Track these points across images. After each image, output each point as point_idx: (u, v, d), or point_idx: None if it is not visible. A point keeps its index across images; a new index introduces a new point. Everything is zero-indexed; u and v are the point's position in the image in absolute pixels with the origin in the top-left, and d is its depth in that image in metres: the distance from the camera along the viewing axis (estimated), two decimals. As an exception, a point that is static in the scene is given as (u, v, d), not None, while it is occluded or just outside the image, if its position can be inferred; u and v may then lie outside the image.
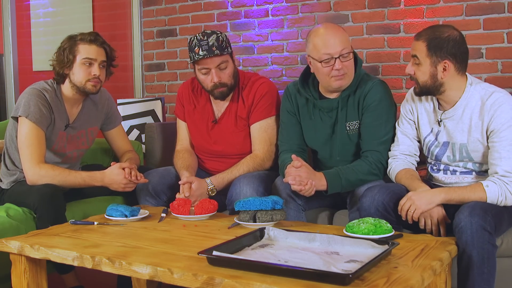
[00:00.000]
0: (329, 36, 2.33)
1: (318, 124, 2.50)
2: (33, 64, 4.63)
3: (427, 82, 2.12)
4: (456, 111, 2.14)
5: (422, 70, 2.11)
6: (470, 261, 1.83)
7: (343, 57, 2.32)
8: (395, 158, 2.31)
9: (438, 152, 2.22)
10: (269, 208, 2.06)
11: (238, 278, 1.46)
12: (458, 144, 2.15)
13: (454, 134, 2.16)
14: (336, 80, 2.37)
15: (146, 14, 4.02)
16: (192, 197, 2.40)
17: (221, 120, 2.69)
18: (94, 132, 2.75)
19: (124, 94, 4.11)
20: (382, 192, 2.10)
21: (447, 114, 2.16)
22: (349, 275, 1.39)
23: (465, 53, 2.11)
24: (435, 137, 2.22)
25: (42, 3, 4.58)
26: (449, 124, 2.16)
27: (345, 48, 2.31)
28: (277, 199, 2.09)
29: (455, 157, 2.17)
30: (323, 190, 2.29)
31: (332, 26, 2.39)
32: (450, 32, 2.08)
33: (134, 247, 1.80)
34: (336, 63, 2.32)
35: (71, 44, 2.53)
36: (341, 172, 2.30)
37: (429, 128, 2.24)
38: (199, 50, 2.50)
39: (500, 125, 2.04)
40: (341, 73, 2.34)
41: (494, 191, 1.98)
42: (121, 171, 2.45)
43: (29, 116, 2.45)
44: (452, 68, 2.08)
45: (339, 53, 2.31)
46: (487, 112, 2.07)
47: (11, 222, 2.30)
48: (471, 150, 2.13)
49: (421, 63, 2.10)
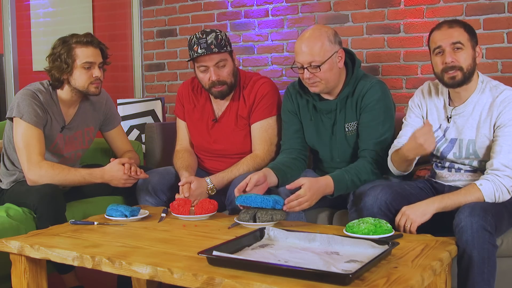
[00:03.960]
0: (303, 45, 2.31)
1: (318, 125, 2.51)
2: (33, 64, 4.63)
3: (471, 66, 2.12)
4: (466, 107, 2.16)
5: (466, 54, 2.11)
6: (470, 261, 1.83)
7: (311, 68, 2.30)
8: (392, 149, 2.29)
9: (444, 148, 2.22)
10: (270, 206, 2.06)
11: (238, 278, 1.45)
12: (466, 140, 2.16)
13: (463, 130, 2.16)
14: (309, 86, 2.38)
15: (146, 14, 4.02)
16: (192, 197, 2.40)
17: (222, 119, 2.69)
18: (91, 132, 2.74)
19: (124, 94, 4.11)
20: (385, 191, 2.09)
21: (458, 110, 2.18)
22: (349, 275, 1.39)
23: None
24: (443, 134, 2.22)
25: (42, 3, 4.58)
26: (459, 120, 2.17)
27: (314, 61, 2.29)
28: (279, 199, 2.09)
29: (461, 153, 2.18)
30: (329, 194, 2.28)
31: (311, 35, 2.32)
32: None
33: (134, 247, 1.80)
34: (305, 73, 2.32)
35: (67, 48, 2.49)
36: (346, 174, 2.29)
37: (438, 124, 2.25)
38: (198, 48, 2.50)
39: (507, 121, 2.06)
40: (311, 81, 2.34)
41: (488, 188, 1.99)
42: (120, 166, 2.45)
43: (24, 117, 2.44)
44: (481, 55, 2.14)
45: (307, 64, 2.30)
46: (496, 108, 2.09)
47: (11, 222, 2.30)
48: (478, 147, 2.14)
49: (465, 48, 2.10)
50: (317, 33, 2.32)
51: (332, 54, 2.32)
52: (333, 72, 2.35)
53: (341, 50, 2.37)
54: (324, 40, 2.31)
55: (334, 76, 2.37)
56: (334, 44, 2.33)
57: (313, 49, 2.29)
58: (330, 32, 2.35)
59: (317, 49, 2.29)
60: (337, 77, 2.39)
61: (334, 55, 2.33)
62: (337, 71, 2.37)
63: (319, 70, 2.30)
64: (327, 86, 2.37)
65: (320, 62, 2.29)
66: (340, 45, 2.38)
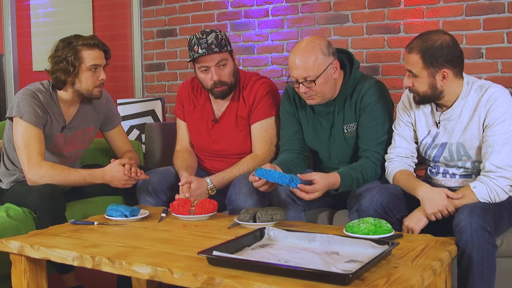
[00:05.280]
0: (297, 59, 2.28)
1: (316, 126, 2.51)
2: (33, 64, 4.63)
3: (427, 92, 2.09)
4: (454, 111, 2.13)
5: (420, 82, 2.07)
6: (470, 261, 1.83)
7: (307, 83, 2.29)
8: (391, 161, 2.30)
9: (435, 153, 2.21)
10: (285, 183, 2.09)
11: (238, 278, 1.46)
12: (455, 144, 2.15)
13: (453, 134, 2.15)
14: (306, 99, 2.38)
15: (146, 14, 4.02)
16: (192, 197, 2.40)
17: (222, 119, 2.69)
18: (91, 132, 2.74)
19: (124, 94, 4.11)
20: (381, 193, 2.09)
21: (446, 115, 2.15)
22: (349, 275, 1.39)
23: (460, 56, 2.07)
24: (433, 139, 2.21)
25: (42, 3, 4.58)
26: (448, 125, 2.15)
27: (309, 76, 2.26)
28: (295, 178, 2.11)
29: (453, 157, 2.17)
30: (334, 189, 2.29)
31: (304, 49, 2.28)
32: (442, 39, 2.03)
33: (134, 247, 1.80)
34: (300, 87, 2.31)
35: (74, 51, 2.48)
36: (353, 172, 2.29)
37: (427, 131, 2.23)
38: (198, 48, 2.50)
39: (494, 119, 2.03)
40: (307, 95, 2.33)
41: (482, 190, 1.98)
42: (121, 167, 2.45)
43: (24, 117, 2.44)
44: (451, 74, 2.05)
45: (301, 79, 2.29)
46: (483, 107, 2.06)
47: (11, 222, 2.30)
48: (468, 147, 2.13)
49: (418, 76, 2.06)
50: (310, 46, 2.29)
51: (327, 67, 2.29)
52: (329, 84, 2.33)
53: (335, 61, 2.34)
54: (317, 53, 2.27)
55: (330, 88, 2.35)
56: (328, 56, 2.30)
57: (307, 64, 2.26)
58: (323, 44, 2.31)
59: (311, 64, 2.26)
60: (333, 88, 2.37)
61: (329, 67, 2.30)
62: (332, 82, 2.35)
63: (314, 84, 2.28)
64: (323, 98, 2.36)
65: (315, 77, 2.27)
66: (334, 56, 2.34)
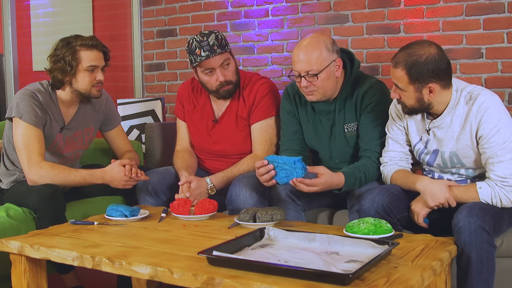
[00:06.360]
0: (301, 53, 2.29)
1: (317, 126, 2.50)
2: (33, 64, 4.63)
3: (414, 106, 2.08)
4: (444, 119, 2.10)
5: (407, 96, 2.06)
6: (469, 261, 1.83)
7: (309, 77, 2.29)
8: (385, 166, 2.29)
9: (428, 159, 2.20)
10: (292, 161, 2.12)
11: (238, 278, 1.46)
12: (447, 153, 2.12)
13: (443, 142, 2.12)
14: (306, 95, 2.38)
15: (146, 14, 4.02)
16: (192, 196, 2.40)
17: (222, 120, 2.69)
18: (90, 132, 2.74)
19: (124, 94, 4.11)
20: (382, 194, 2.09)
21: (436, 123, 2.12)
22: (349, 275, 1.39)
23: (448, 67, 2.03)
24: (425, 146, 2.19)
25: (42, 3, 4.58)
26: (438, 132, 2.13)
27: (312, 70, 2.27)
28: (304, 165, 2.13)
29: (446, 164, 2.15)
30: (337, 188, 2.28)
31: (309, 43, 2.30)
32: (427, 52, 1.98)
33: (134, 247, 1.80)
34: (302, 81, 2.31)
35: (72, 51, 2.48)
36: (356, 172, 2.29)
37: (418, 137, 2.21)
38: (201, 51, 2.49)
39: (488, 131, 1.99)
40: (308, 90, 2.33)
41: (487, 192, 1.98)
42: (121, 168, 2.45)
43: (23, 117, 2.44)
44: (438, 88, 2.02)
45: (304, 73, 2.29)
46: (474, 117, 2.02)
47: (11, 222, 2.30)
48: (461, 156, 2.10)
49: (405, 90, 2.05)
50: (315, 41, 2.30)
51: (330, 63, 2.30)
52: (331, 81, 2.33)
53: (339, 59, 2.35)
54: (322, 48, 2.29)
55: (331, 85, 2.35)
56: (332, 53, 2.31)
57: (310, 58, 2.27)
58: (328, 41, 2.32)
59: (315, 58, 2.27)
60: (334, 85, 2.37)
61: (332, 64, 2.31)
62: (334, 80, 2.35)
63: (316, 79, 2.29)
64: (324, 95, 2.37)
65: (318, 71, 2.28)
66: (338, 54, 2.35)
